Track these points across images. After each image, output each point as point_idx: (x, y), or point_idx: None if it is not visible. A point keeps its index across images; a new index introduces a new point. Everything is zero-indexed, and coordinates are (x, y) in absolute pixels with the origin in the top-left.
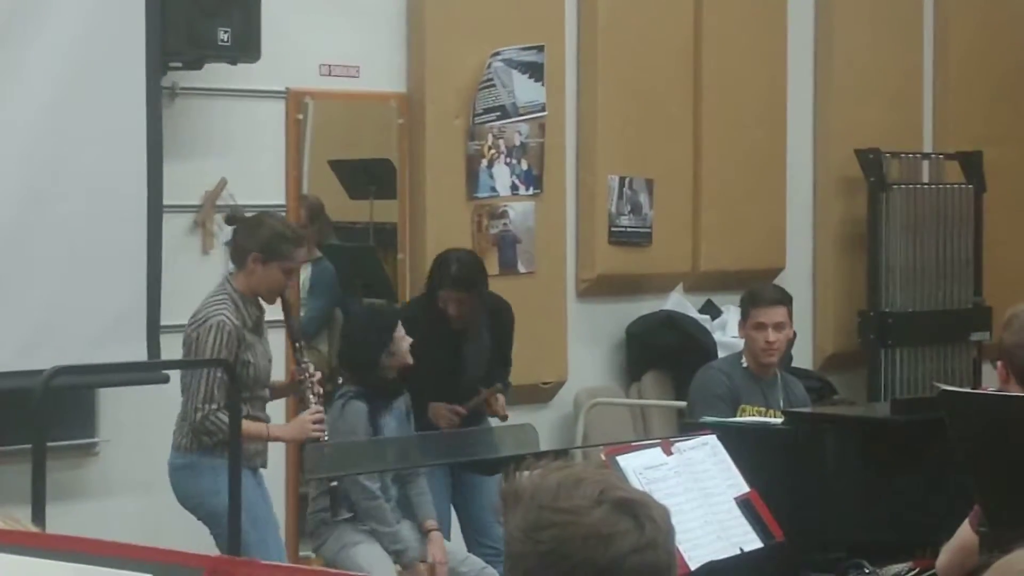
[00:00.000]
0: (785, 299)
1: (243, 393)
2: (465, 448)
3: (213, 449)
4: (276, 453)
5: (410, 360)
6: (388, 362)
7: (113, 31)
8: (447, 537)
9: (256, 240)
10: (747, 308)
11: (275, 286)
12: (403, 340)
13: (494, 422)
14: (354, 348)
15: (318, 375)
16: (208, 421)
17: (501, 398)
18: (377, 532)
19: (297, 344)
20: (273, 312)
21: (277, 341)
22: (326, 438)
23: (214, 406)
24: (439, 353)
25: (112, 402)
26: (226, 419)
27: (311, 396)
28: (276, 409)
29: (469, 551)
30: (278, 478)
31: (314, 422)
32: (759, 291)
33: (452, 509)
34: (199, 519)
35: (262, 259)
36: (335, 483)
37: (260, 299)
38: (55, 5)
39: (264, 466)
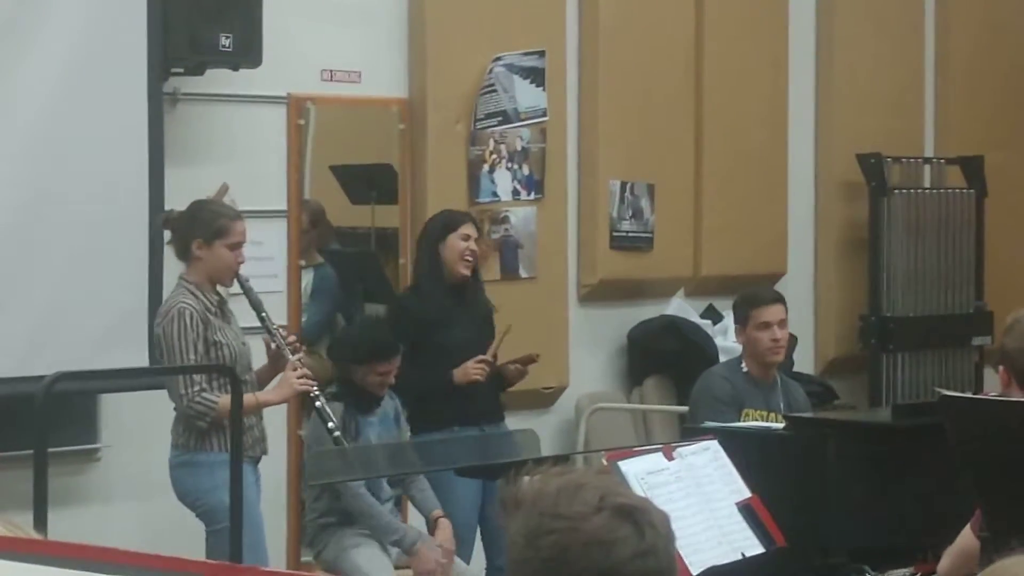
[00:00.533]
0: (781, 297)
1: (224, 379)
2: (466, 453)
3: (211, 440)
4: (278, 455)
5: (381, 392)
6: (366, 379)
7: (115, 37)
8: (471, 548)
9: (193, 227)
10: (746, 311)
11: (226, 264)
12: (388, 374)
13: (509, 422)
14: (340, 346)
15: (292, 337)
16: (195, 403)
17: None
18: (372, 527)
19: (263, 314)
20: (249, 320)
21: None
22: (316, 392)
23: (196, 388)
24: (451, 315)
25: (114, 407)
26: (212, 396)
27: (289, 355)
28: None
29: (493, 561)
30: (279, 483)
31: (298, 376)
32: (756, 292)
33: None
34: (197, 516)
35: (205, 242)
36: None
37: (218, 285)
38: (56, 11)
39: (265, 452)
